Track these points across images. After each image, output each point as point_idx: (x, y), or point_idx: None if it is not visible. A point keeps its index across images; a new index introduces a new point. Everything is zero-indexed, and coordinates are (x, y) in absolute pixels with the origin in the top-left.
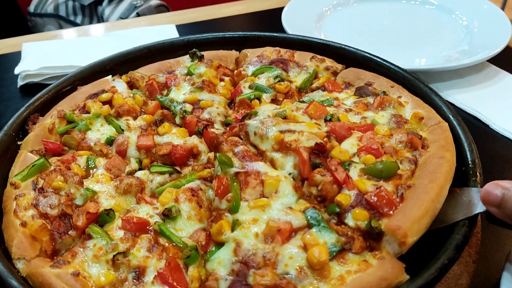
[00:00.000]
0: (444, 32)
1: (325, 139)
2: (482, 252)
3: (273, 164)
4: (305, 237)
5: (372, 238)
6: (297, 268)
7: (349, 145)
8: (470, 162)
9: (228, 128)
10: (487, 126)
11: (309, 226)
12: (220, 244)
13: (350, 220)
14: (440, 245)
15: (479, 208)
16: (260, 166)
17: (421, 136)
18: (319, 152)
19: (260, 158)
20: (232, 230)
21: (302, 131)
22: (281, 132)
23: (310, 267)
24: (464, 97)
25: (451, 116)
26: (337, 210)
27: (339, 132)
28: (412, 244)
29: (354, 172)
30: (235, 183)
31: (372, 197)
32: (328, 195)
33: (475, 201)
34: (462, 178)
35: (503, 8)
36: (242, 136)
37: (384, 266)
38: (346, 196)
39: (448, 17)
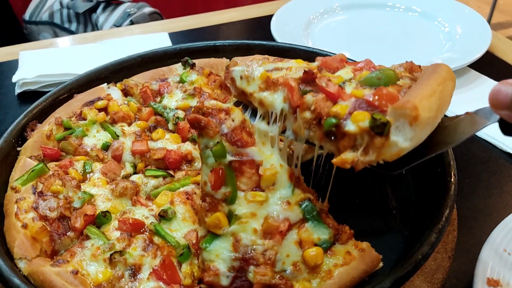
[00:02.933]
0: (427, 39)
1: (316, 70)
2: (458, 249)
3: (262, 104)
4: (301, 232)
5: (378, 133)
6: (293, 264)
7: (344, 73)
8: (445, 163)
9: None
10: None
11: (305, 220)
12: (214, 234)
13: (350, 125)
14: (415, 242)
15: (492, 119)
16: (253, 152)
17: (420, 65)
18: (309, 81)
19: (251, 140)
20: (229, 221)
21: (290, 67)
22: (268, 71)
23: (304, 263)
24: None
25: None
26: (334, 121)
27: (330, 63)
28: (425, 122)
29: (349, 88)
30: (231, 174)
31: (372, 97)
32: (323, 112)
33: (488, 114)
34: (437, 179)
35: (492, 10)
36: (228, 84)
37: (364, 259)
38: (342, 106)
39: (431, 23)
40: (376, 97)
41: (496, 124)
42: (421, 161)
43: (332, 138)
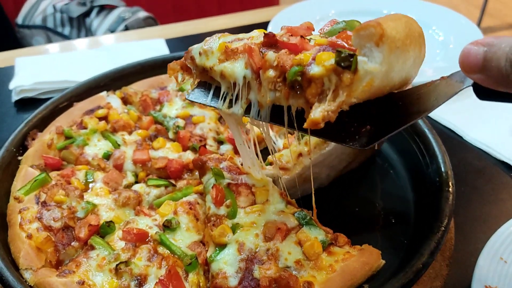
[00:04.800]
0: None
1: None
2: (455, 257)
3: (223, 77)
4: (299, 234)
5: (345, 67)
6: (295, 261)
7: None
8: (443, 173)
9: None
10: (461, 137)
11: (301, 225)
12: (221, 246)
13: (314, 68)
14: (415, 251)
15: (466, 83)
16: (246, 178)
17: None
18: (271, 44)
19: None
20: (233, 232)
21: (252, 36)
22: (227, 42)
23: (306, 259)
24: (439, 109)
25: (426, 130)
26: (297, 68)
27: (296, 31)
28: (393, 43)
29: (312, 42)
30: (230, 193)
31: (335, 40)
32: (286, 65)
33: (463, 77)
34: (435, 188)
35: (482, 14)
36: (188, 64)
37: (364, 254)
38: (305, 54)
39: (425, 32)
40: (339, 39)
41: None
42: (395, 132)
43: (298, 90)
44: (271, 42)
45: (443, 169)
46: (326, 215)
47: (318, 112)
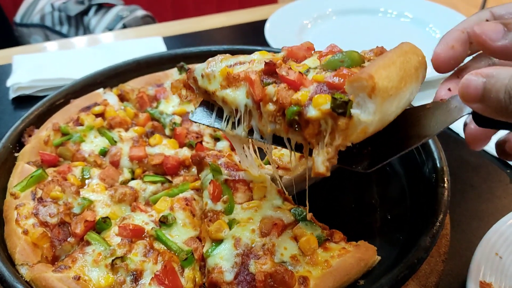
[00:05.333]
0: (418, 45)
1: (280, 61)
2: (451, 253)
3: (225, 102)
4: (295, 230)
5: (341, 113)
6: (291, 256)
7: (310, 62)
8: (439, 169)
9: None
10: (457, 134)
11: (297, 221)
12: (217, 241)
13: (311, 111)
14: (410, 246)
15: (466, 110)
16: (244, 174)
17: None
18: (271, 72)
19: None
20: (230, 228)
21: (253, 60)
22: (229, 66)
23: (302, 255)
24: None
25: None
26: (295, 109)
27: (296, 53)
28: (386, 92)
29: (311, 75)
30: (227, 189)
31: (332, 78)
32: (285, 102)
33: (462, 104)
34: (431, 184)
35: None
36: (191, 84)
37: (360, 249)
38: (303, 92)
39: (422, 30)
40: (336, 78)
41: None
42: (396, 156)
43: (297, 128)
44: (271, 70)
45: (438, 165)
46: (322, 212)
47: (321, 165)
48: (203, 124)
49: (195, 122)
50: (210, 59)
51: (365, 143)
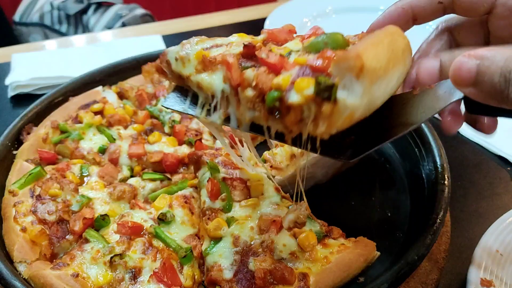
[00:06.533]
0: (417, 42)
1: (259, 44)
2: (451, 250)
3: (200, 88)
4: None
5: (325, 98)
6: (290, 253)
7: (292, 45)
8: (439, 166)
9: None
10: (458, 131)
11: None
12: (216, 239)
13: (293, 96)
14: (410, 243)
15: (456, 95)
16: (240, 173)
17: None
18: (250, 55)
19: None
20: (228, 226)
21: (231, 42)
22: (205, 49)
23: (301, 251)
24: None
25: (422, 124)
26: (276, 94)
27: (277, 35)
28: (374, 74)
29: (293, 57)
30: (225, 186)
31: (316, 61)
32: (265, 87)
33: (452, 89)
34: (431, 181)
35: None
36: (164, 68)
37: (359, 245)
38: (284, 76)
39: (422, 27)
40: (320, 61)
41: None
42: (380, 146)
43: (277, 115)
44: (250, 53)
45: (438, 162)
46: (321, 208)
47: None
48: (176, 111)
49: (167, 109)
50: (184, 41)
51: (348, 131)
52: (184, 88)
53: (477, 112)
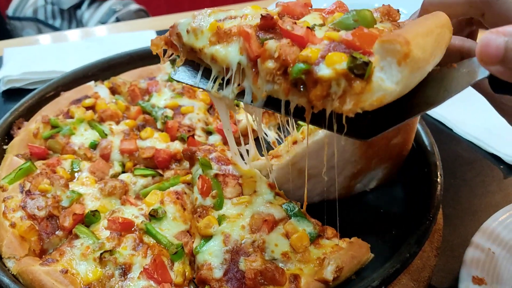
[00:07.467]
0: None
1: (276, 17)
2: (444, 248)
3: (214, 61)
4: (286, 226)
5: (357, 75)
6: (282, 253)
7: (310, 19)
8: (432, 163)
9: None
10: (451, 130)
11: (289, 217)
12: (207, 237)
13: (324, 70)
14: (403, 241)
15: (480, 74)
16: (233, 169)
17: (398, 9)
18: (268, 27)
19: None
20: (219, 224)
21: (246, 14)
22: (219, 20)
23: (293, 252)
24: None
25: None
26: (304, 66)
27: (293, 9)
28: (416, 64)
29: (319, 32)
30: (217, 183)
31: (351, 37)
32: (289, 58)
33: (476, 68)
34: (424, 179)
35: None
36: (174, 41)
37: (353, 247)
38: (313, 49)
39: None
40: (356, 37)
41: (484, 106)
42: (399, 124)
43: (302, 88)
44: (269, 25)
45: (431, 160)
46: (314, 207)
47: None
48: (186, 84)
49: (178, 82)
50: (196, 12)
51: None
52: (195, 63)
53: (503, 91)
